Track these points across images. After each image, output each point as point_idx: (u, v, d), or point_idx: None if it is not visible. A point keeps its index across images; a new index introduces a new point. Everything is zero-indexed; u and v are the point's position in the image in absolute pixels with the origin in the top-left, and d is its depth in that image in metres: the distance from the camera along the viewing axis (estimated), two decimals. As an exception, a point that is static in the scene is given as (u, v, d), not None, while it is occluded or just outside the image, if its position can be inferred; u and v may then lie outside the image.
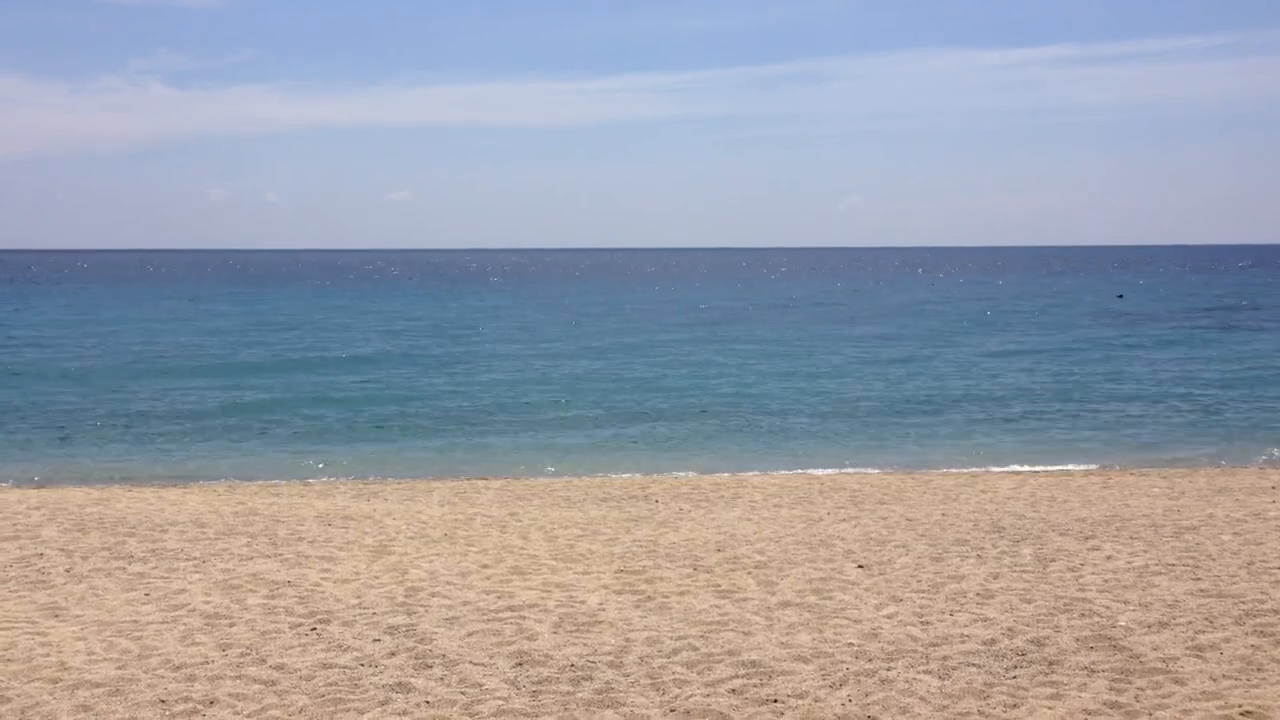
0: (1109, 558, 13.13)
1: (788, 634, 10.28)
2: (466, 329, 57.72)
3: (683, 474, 21.18)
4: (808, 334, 53.65)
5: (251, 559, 13.38)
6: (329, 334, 54.64)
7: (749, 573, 12.53)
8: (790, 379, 36.27)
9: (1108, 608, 11.03)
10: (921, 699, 8.71)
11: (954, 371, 37.84)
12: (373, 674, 9.32)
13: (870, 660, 9.54)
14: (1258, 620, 10.58)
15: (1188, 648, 9.82)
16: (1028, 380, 35.48)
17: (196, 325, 59.93)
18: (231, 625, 10.66)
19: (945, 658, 9.60)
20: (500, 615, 10.91)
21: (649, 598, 11.54)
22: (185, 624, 10.70)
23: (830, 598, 11.48)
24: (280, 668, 9.47)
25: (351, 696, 8.84)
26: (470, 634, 10.33)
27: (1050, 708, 8.54)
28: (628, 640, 10.11)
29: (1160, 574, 12.33)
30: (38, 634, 10.40)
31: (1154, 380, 35.16)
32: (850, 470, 21.44)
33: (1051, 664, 9.46)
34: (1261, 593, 11.54)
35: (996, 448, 24.19)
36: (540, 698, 8.79)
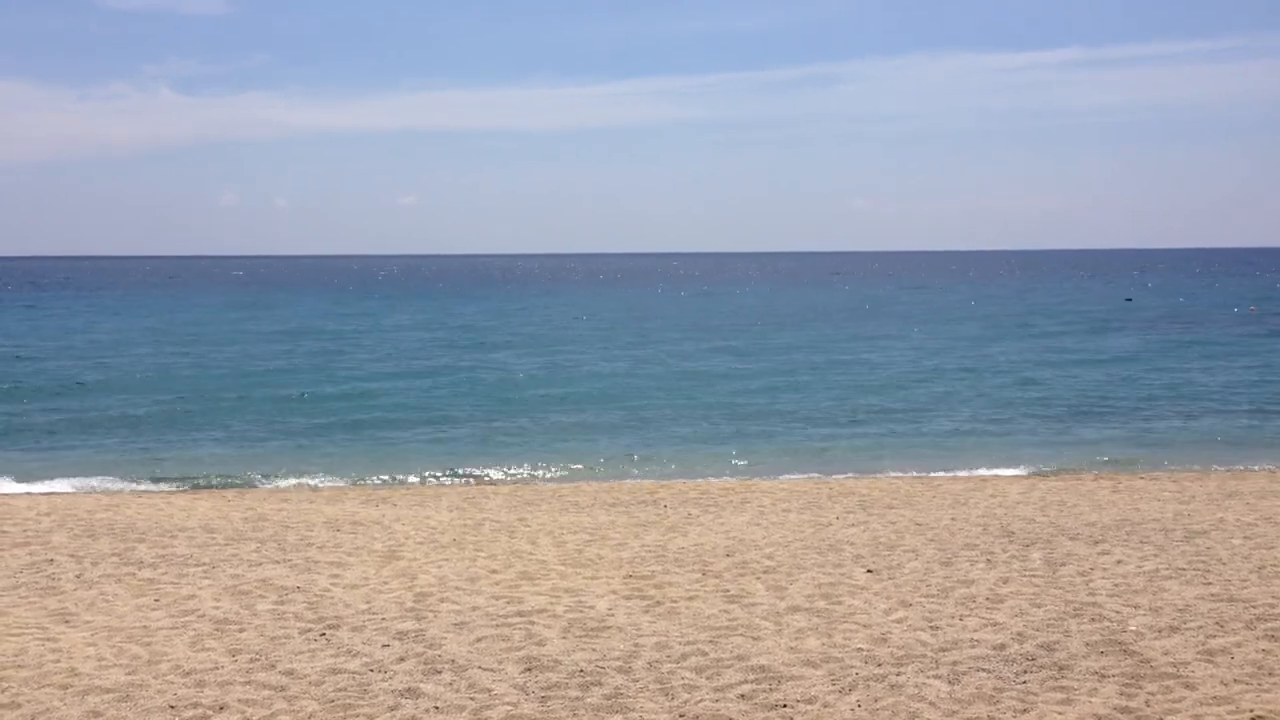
0: (1119, 562, 13.10)
1: (797, 639, 10.26)
2: (484, 332, 57.81)
3: (691, 478, 21.16)
4: (832, 341, 53.61)
5: (261, 564, 13.40)
6: (347, 341, 54.70)
7: (758, 577, 12.52)
8: (806, 384, 36.25)
9: (1118, 612, 11.01)
10: (931, 704, 8.69)
11: (967, 374, 37.81)
12: (382, 679, 9.32)
13: (880, 665, 9.53)
14: (1269, 625, 10.55)
15: (1198, 652, 9.79)
16: (1043, 384, 35.43)
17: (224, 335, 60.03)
18: (241, 631, 10.67)
19: (955, 662, 9.58)
20: (509, 620, 10.91)
21: (658, 603, 11.53)
22: (195, 630, 10.72)
23: (839, 602, 11.46)
24: (290, 673, 9.48)
25: (361, 702, 8.84)
26: (479, 639, 10.33)
27: (1060, 713, 8.51)
28: (637, 645, 10.11)
29: (1170, 578, 12.30)
30: (48, 640, 10.42)
31: (1160, 383, 35.09)
32: (859, 474, 21.41)
33: (1062, 669, 9.43)
34: (1272, 597, 11.50)
35: (1007, 451, 24.16)
36: (549, 703, 8.79)
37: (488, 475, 21.86)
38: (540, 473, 22.13)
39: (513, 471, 22.32)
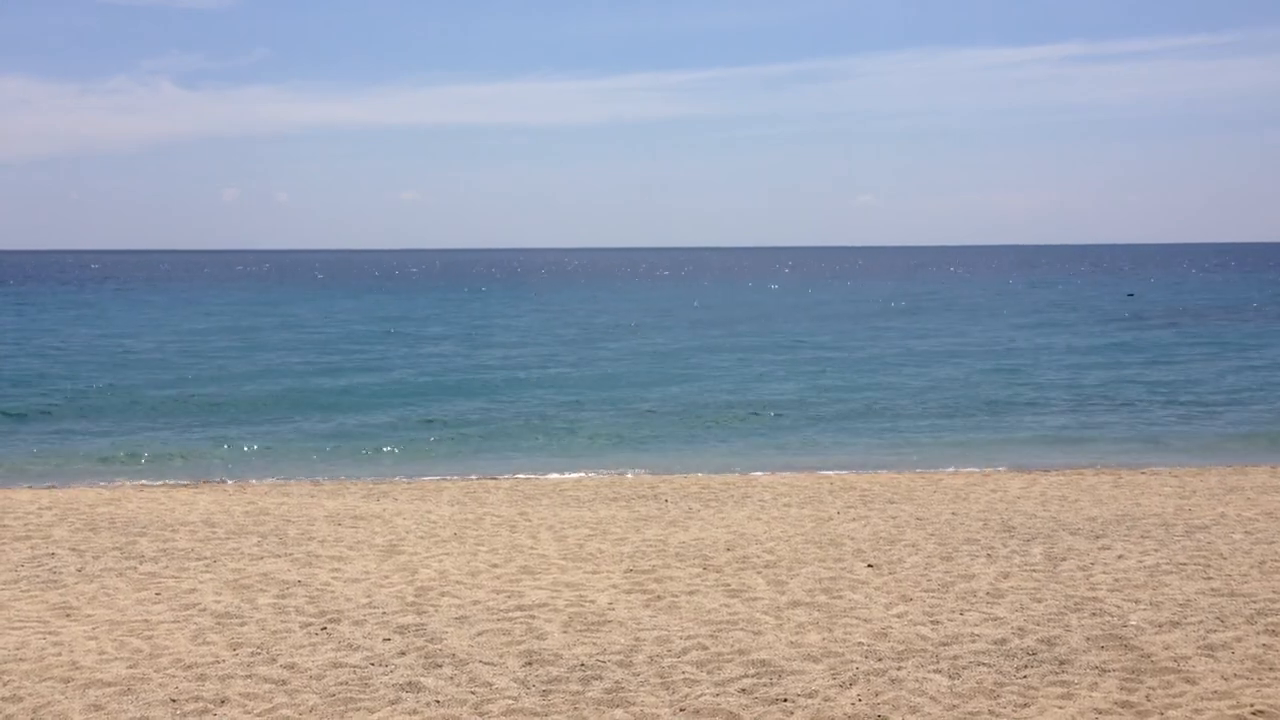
0: (1120, 557, 13.10)
1: (797, 633, 10.27)
2: (491, 325, 57.84)
3: (692, 473, 21.15)
4: (839, 335, 53.61)
5: (262, 558, 13.41)
6: (349, 337, 54.70)
7: (758, 572, 12.52)
8: (809, 378, 36.27)
9: (1119, 607, 11.01)
10: (932, 698, 8.70)
11: (968, 368, 37.81)
12: (383, 673, 9.33)
13: (880, 659, 9.53)
14: (1270, 619, 10.56)
15: (1199, 647, 9.79)
16: (1044, 379, 35.44)
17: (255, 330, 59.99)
18: (242, 625, 10.68)
19: (955, 657, 9.59)
20: (510, 614, 10.92)
21: (658, 597, 11.54)
22: (196, 623, 10.73)
23: (840, 597, 11.47)
24: (291, 667, 9.49)
25: (362, 696, 8.85)
26: (480, 633, 10.34)
27: (1061, 707, 8.52)
28: (637, 639, 10.12)
29: (1171, 573, 12.30)
30: (49, 633, 10.43)
31: (1161, 378, 35.09)
32: (860, 469, 21.41)
33: (1062, 663, 9.44)
34: (1273, 591, 11.51)
35: (1007, 445, 24.17)
36: (550, 697, 8.80)
37: (489, 470, 21.84)
38: (541, 467, 22.10)
39: (514, 465, 22.30)
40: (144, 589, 12.02)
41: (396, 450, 24.53)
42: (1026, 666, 9.36)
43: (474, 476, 20.87)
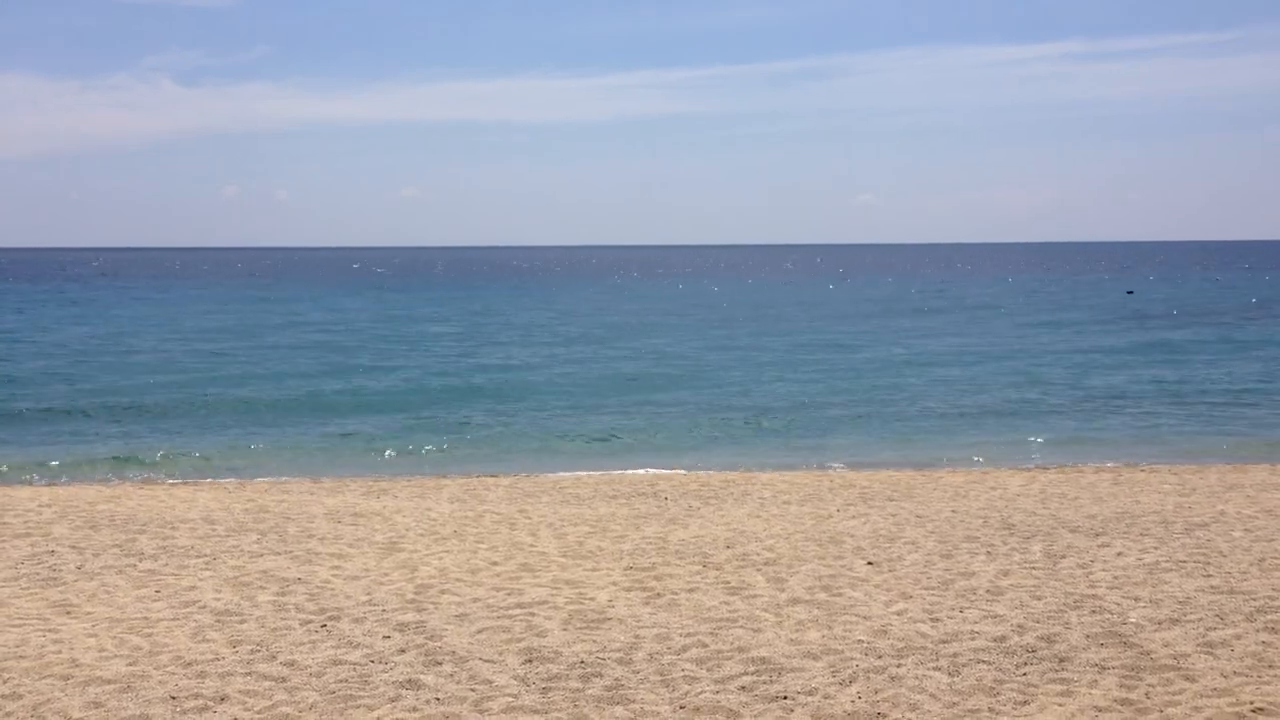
0: (1119, 554, 13.11)
1: (797, 631, 10.28)
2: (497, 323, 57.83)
3: (692, 470, 21.15)
4: (842, 333, 53.61)
5: (262, 556, 13.41)
6: (352, 335, 54.69)
7: (758, 569, 12.53)
8: (811, 376, 36.27)
9: (1118, 604, 11.02)
10: (931, 696, 8.70)
11: (970, 367, 37.81)
12: (383, 671, 9.34)
13: (880, 657, 9.54)
14: (1269, 617, 10.56)
15: (1199, 644, 9.80)
16: (1044, 377, 35.44)
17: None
18: (242, 622, 10.69)
19: (955, 654, 9.59)
20: (510, 612, 10.92)
21: (658, 594, 11.55)
22: (196, 621, 10.74)
23: (840, 594, 11.47)
24: (291, 664, 9.49)
25: (362, 693, 8.85)
26: (480, 631, 10.35)
27: (1060, 704, 8.52)
28: (637, 637, 10.12)
29: (1171, 571, 12.31)
30: (49, 631, 10.44)
31: (1161, 376, 35.08)
32: (860, 467, 21.41)
33: (1062, 661, 9.44)
34: (1273, 589, 11.51)
35: (1008, 444, 24.15)
36: (550, 694, 8.80)
37: (490, 468, 21.84)
38: (541, 465, 22.11)
39: (515, 464, 22.31)
40: (144, 586, 12.03)
41: (397, 449, 24.53)
42: (1026, 664, 9.37)
43: (474, 474, 20.88)
